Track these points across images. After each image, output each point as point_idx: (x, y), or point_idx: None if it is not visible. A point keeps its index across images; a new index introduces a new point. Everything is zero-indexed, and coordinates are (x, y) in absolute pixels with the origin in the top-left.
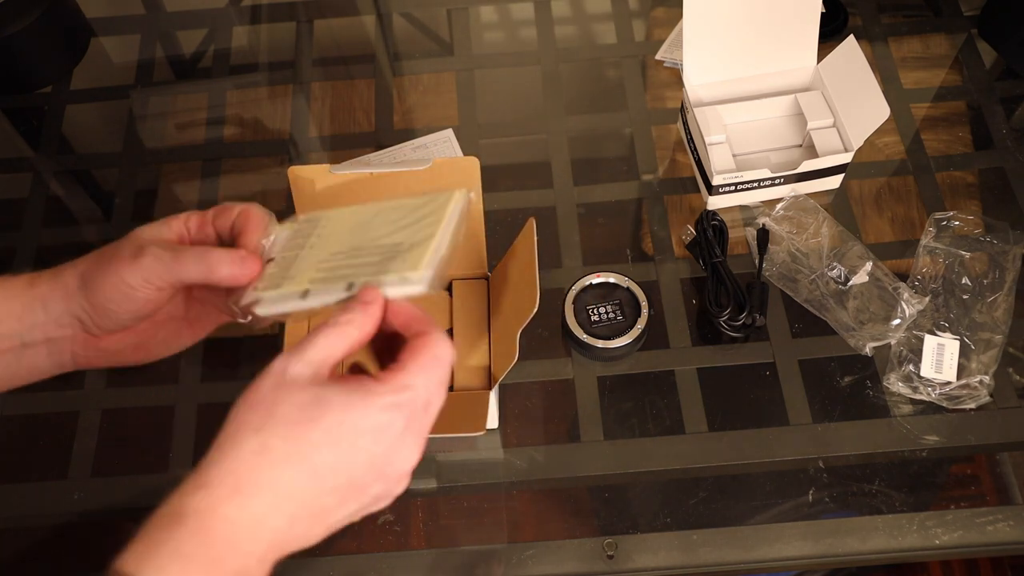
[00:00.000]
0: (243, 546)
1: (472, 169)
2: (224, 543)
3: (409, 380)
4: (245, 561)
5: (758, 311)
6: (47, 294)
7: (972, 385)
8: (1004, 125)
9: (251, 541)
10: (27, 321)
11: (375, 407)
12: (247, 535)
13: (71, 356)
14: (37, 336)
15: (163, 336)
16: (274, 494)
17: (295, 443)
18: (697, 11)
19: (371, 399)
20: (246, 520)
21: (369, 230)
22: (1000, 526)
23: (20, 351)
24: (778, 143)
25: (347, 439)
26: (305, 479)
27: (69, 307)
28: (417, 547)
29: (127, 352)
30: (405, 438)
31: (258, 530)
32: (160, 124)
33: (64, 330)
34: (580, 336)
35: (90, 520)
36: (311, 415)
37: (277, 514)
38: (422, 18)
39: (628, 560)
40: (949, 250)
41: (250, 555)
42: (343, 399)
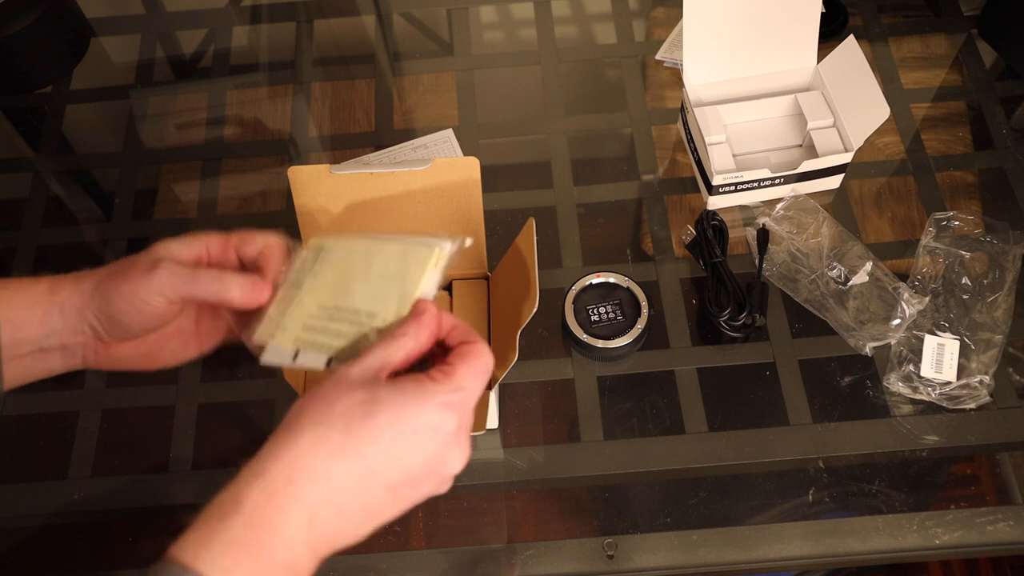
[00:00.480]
0: (295, 537)
1: (472, 169)
2: (277, 534)
3: (463, 382)
4: (294, 551)
5: (758, 311)
6: (66, 301)
7: (972, 385)
8: (1004, 125)
9: (303, 533)
10: (47, 327)
11: (432, 405)
12: (298, 526)
13: (82, 360)
14: (54, 342)
15: (171, 347)
16: (328, 485)
17: (352, 436)
18: (697, 11)
19: (428, 397)
20: (299, 512)
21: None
22: (1000, 526)
23: (37, 355)
24: (778, 143)
25: (404, 436)
26: (360, 473)
27: (84, 315)
28: (417, 547)
29: (137, 360)
30: (459, 438)
31: (310, 522)
32: (160, 124)
33: (78, 337)
34: (580, 336)
35: (90, 520)
36: (369, 410)
37: (328, 506)
38: (422, 18)
39: (628, 560)
40: (949, 250)
41: (300, 545)
42: (401, 397)
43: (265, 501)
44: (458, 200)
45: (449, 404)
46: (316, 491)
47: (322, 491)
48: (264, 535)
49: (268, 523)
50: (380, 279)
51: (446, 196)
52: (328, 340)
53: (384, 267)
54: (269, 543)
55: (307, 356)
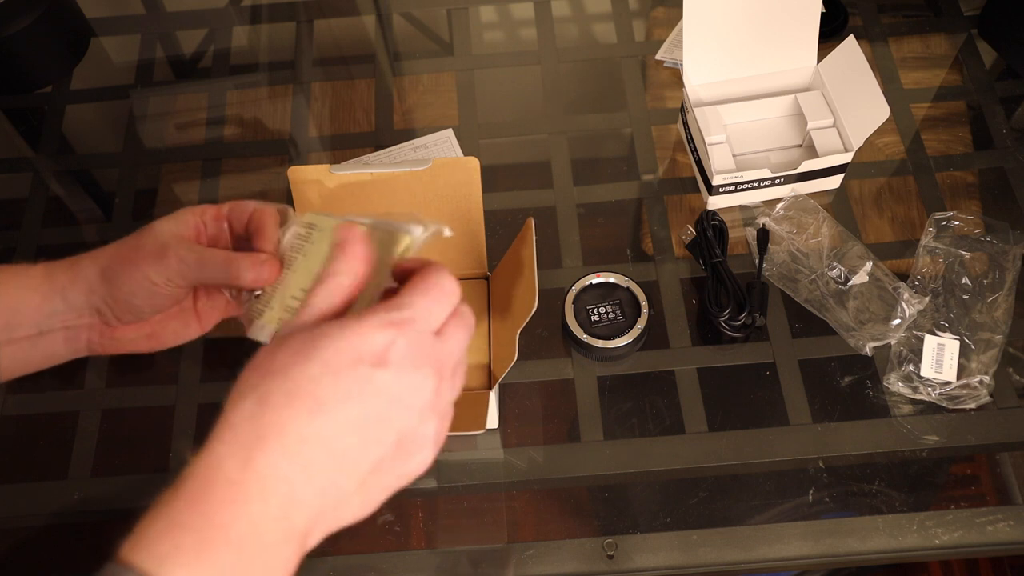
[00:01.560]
0: (251, 507)
1: (472, 169)
2: (225, 506)
3: (404, 300)
4: (257, 524)
5: (758, 311)
6: (67, 285)
7: (972, 385)
8: (1004, 125)
9: (262, 500)
10: (45, 311)
11: (370, 326)
12: (256, 493)
13: (86, 343)
14: (55, 324)
15: (174, 327)
16: (279, 440)
17: (293, 382)
18: (697, 11)
19: (365, 319)
20: (252, 477)
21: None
22: (1000, 526)
23: (37, 339)
24: (778, 143)
25: (348, 366)
26: (310, 416)
27: (90, 299)
28: (417, 547)
29: (140, 341)
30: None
31: (268, 485)
32: (160, 124)
33: (82, 319)
34: (580, 336)
35: (90, 520)
36: (305, 352)
37: (289, 463)
38: (422, 18)
39: (628, 560)
40: (949, 250)
41: (262, 517)
42: (334, 327)
43: (210, 474)
44: (458, 200)
45: (390, 322)
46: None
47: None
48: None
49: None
50: None
51: (446, 196)
52: None
53: None
54: (219, 519)
55: None
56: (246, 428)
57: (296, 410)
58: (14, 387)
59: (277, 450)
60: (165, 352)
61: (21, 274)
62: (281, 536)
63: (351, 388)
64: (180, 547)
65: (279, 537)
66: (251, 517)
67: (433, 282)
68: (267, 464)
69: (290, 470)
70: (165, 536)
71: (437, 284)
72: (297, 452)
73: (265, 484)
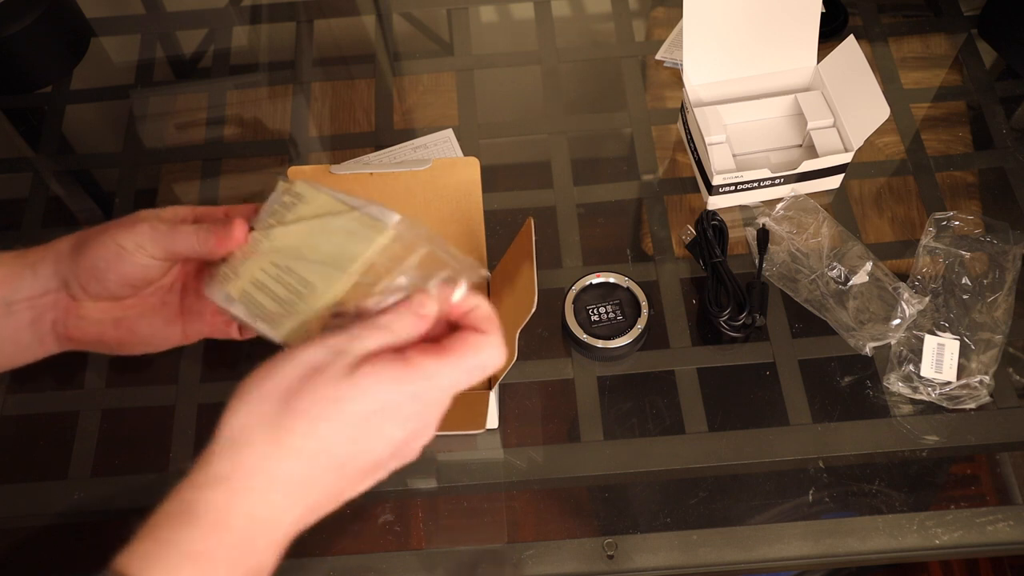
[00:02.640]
0: (261, 542)
1: (472, 169)
2: (243, 541)
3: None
4: (262, 557)
5: (758, 311)
6: (36, 261)
7: (972, 385)
8: (1004, 125)
9: (270, 535)
10: (12, 285)
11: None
12: (266, 529)
13: (51, 324)
14: (20, 295)
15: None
16: (295, 486)
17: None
18: (697, 11)
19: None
20: (266, 515)
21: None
22: (1000, 526)
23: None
24: (778, 143)
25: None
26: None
27: (57, 269)
28: (417, 547)
29: (107, 328)
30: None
31: (278, 523)
32: (160, 124)
33: (48, 294)
34: (580, 336)
35: (90, 520)
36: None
37: (297, 505)
38: (422, 18)
39: (628, 560)
40: (949, 250)
41: (267, 549)
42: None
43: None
44: (458, 200)
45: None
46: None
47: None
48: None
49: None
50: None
51: (446, 196)
52: (264, 301)
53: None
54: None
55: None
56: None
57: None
58: (14, 387)
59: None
60: (165, 352)
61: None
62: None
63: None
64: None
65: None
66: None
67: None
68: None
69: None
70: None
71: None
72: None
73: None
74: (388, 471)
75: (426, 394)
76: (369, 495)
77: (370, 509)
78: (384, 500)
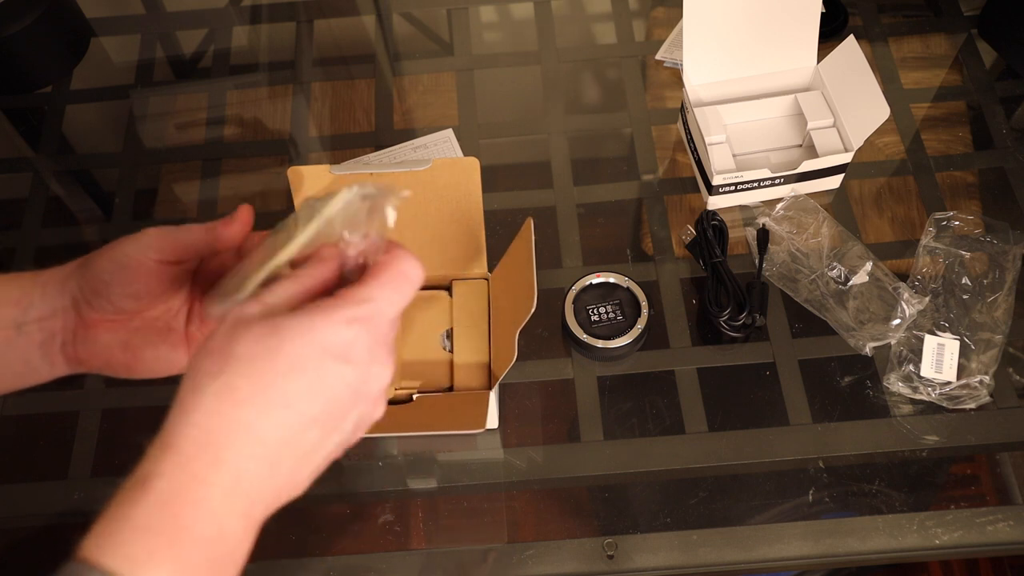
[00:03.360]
0: (217, 506)
1: (472, 169)
2: (194, 507)
3: (369, 293)
4: (222, 522)
5: (758, 311)
6: (47, 281)
7: (972, 385)
8: (1004, 125)
9: (227, 499)
10: (23, 304)
11: (336, 322)
12: (222, 493)
13: (60, 346)
14: (31, 317)
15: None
16: (248, 439)
17: (259, 377)
18: (697, 11)
19: (330, 314)
20: (222, 477)
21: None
22: (1000, 526)
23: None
24: (778, 143)
25: (314, 362)
26: (280, 415)
27: (64, 287)
28: (417, 547)
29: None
30: (375, 353)
31: (236, 485)
32: (160, 124)
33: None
34: (580, 336)
35: (90, 520)
36: (270, 345)
37: (256, 462)
38: (422, 18)
39: (628, 560)
40: (949, 250)
41: (228, 515)
42: (301, 321)
43: (180, 474)
44: (458, 200)
45: (355, 319)
46: (237, 450)
47: (244, 447)
48: (180, 512)
49: (184, 498)
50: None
51: (446, 196)
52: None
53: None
54: (188, 520)
55: None
56: (214, 425)
57: (262, 407)
58: None
59: (245, 450)
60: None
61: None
62: (243, 531)
63: (316, 384)
64: (153, 552)
65: (241, 532)
66: (217, 517)
67: (397, 270)
68: (235, 464)
69: (257, 469)
70: (137, 539)
71: (400, 272)
72: (264, 452)
73: (233, 485)
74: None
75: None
76: (369, 495)
77: (370, 509)
78: (384, 500)
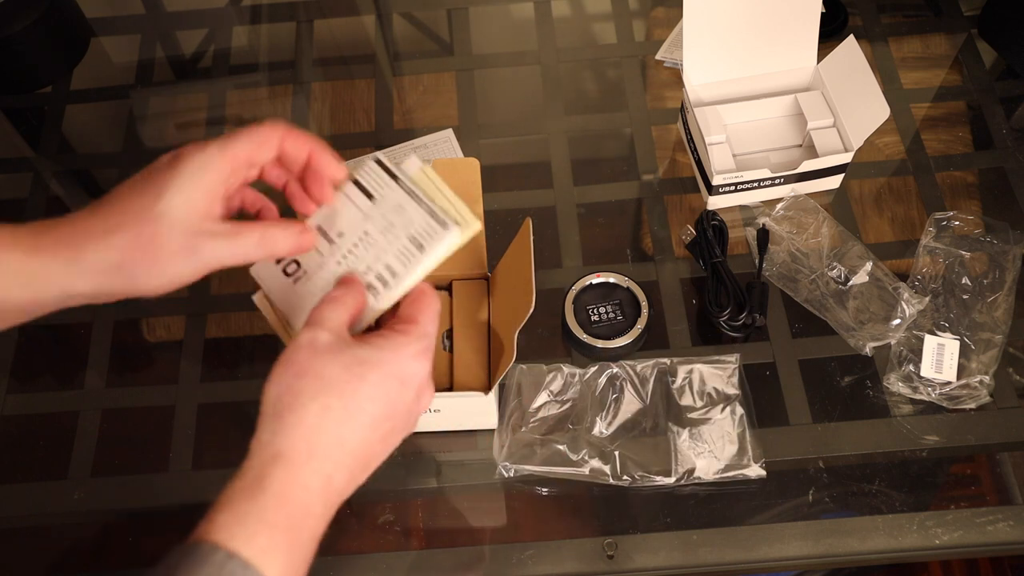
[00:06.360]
0: (316, 508)
1: (472, 170)
2: (303, 510)
3: (425, 329)
4: (317, 523)
5: (758, 311)
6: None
7: (972, 385)
8: (1004, 125)
9: (323, 503)
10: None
11: (407, 357)
12: (319, 498)
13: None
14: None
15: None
16: (341, 452)
17: (352, 400)
18: (697, 11)
19: (403, 349)
20: (319, 483)
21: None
22: (1000, 526)
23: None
24: (778, 143)
25: (392, 389)
26: (363, 432)
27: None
28: (417, 547)
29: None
30: (428, 380)
31: (328, 491)
32: (160, 124)
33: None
34: (580, 336)
35: (90, 520)
36: (358, 373)
37: (342, 471)
38: (422, 18)
39: (628, 560)
40: (949, 250)
41: (321, 516)
42: (380, 355)
43: (290, 480)
44: None
45: (421, 352)
46: (332, 460)
47: (336, 459)
48: (291, 512)
49: (295, 501)
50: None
51: None
52: None
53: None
54: (298, 520)
55: None
56: (317, 440)
57: (353, 427)
58: (14, 387)
59: (338, 460)
60: (165, 352)
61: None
62: (326, 523)
63: (388, 407)
64: (276, 545)
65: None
66: (316, 519)
67: (436, 305)
68: (330, 473)
69: (342, 477)
70: (262, 532)
71: (436, 308)
72: (350, 461)
73: (326, 490)
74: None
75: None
76: (369, 495)
77: (370, 509)
78: (384, 500)
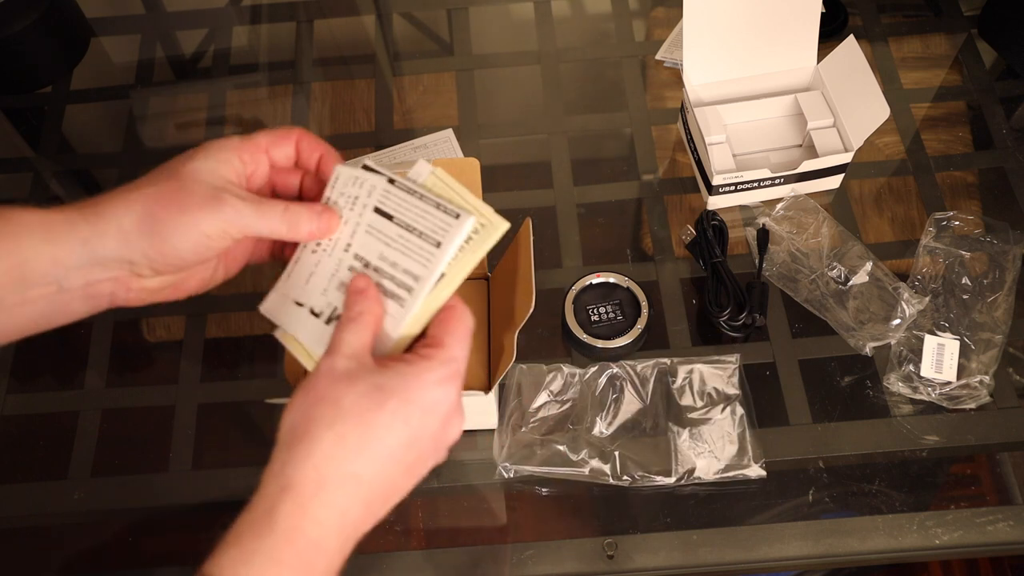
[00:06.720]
0: (330, 544)
1: (472, 170)
2: (314, 546)
3: (452, 353)
4: (332, 560)
5: (758, 311)
6: (92, 236)
7: (972, 385)
8: (1004, 125)
9: (337, 538)
10: (66, 264)
11: (431, 383)
12: (333, 532)
13: (109, 299)
14: (76, 280)
15: (200, 274)
16: (356, 485)
17: (369, 429)
18: (697, 11)
19: (425, 376)
20: (332, 517)
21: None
22: (1000, 526)
23: (54, 296)
24: (778, 143)
25: (414, 417)
26: (381, 463)
27: (123, 252)
28: (417, 547)
29: (166, 291)
30: (457, 407)
31: (342, 524)
32: (160, 124)
33: (108, 273)
34: (580, 336)
35: (90, 520)
36: (376, 400)
37: (358, 504)
38: (422, 18)
39: (628, 560)
40: (949, 250)
41: (337, 553)
42: (401, 381)
43: (300, 514)
44: None
45: (447, 378)
46: (345, 492)
47: (351, 491)
48: (302, 549)
49: (305, 537)
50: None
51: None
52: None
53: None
54: (307, 555)
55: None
56: (329, 471)
57: (369, 458)
58: (14, 387)
59: (353, 494)
60: (165, 352)
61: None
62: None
63: (410, 437)
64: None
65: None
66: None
67: (465, 325)
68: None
69: (357, 510)
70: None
71: (467, 326)
72: (366, 494)
73: (341, 524)
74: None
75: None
76: None
77: None
78: None
